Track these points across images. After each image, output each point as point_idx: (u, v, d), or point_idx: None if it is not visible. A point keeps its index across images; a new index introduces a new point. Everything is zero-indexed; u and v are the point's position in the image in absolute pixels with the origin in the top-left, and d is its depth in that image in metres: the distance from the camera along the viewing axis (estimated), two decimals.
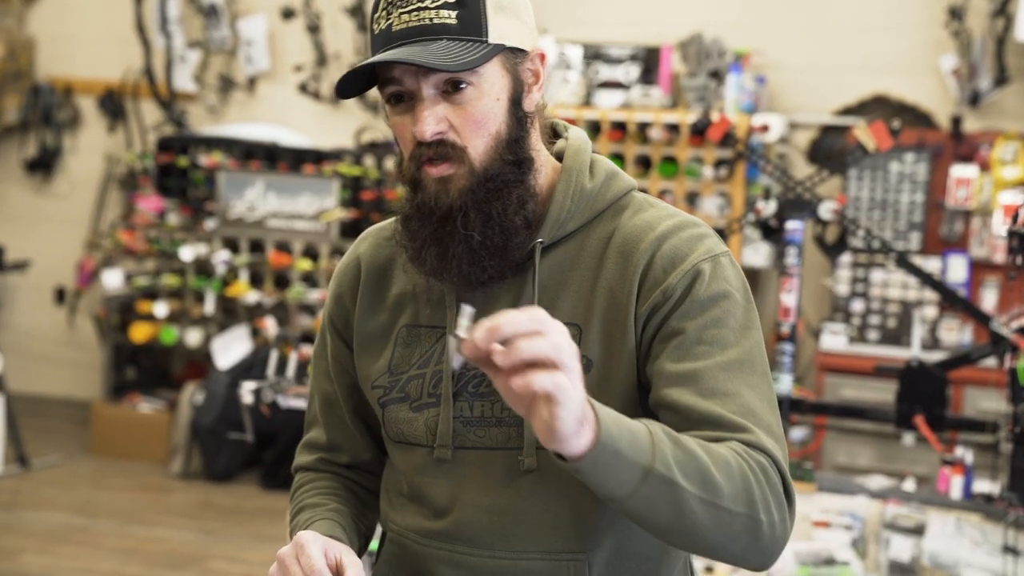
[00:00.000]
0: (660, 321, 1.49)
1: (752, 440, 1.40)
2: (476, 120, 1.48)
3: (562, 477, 1.43)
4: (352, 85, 1.52)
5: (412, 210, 1.53)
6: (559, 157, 1.60)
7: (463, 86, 1.47)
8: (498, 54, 1.49)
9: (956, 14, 5.66)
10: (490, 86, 1.49)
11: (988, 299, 5.52)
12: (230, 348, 6.21)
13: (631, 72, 5.94)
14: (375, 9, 1.51)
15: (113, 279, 6.65)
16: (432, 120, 1.47)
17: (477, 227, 1.49)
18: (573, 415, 1.24)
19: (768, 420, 1.44)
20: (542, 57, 1.56)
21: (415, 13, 1.47)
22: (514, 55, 1.52)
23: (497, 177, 1.50)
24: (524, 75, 1.53)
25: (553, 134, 1.63)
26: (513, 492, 1.52)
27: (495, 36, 1.49)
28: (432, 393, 1.56)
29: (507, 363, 1.23)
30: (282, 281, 6.49)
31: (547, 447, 1.27)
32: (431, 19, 1.46)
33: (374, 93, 1.54)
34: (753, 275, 5.88)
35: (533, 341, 1.22)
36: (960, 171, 5.51)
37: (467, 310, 1.29)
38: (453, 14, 1.47)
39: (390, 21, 1.48)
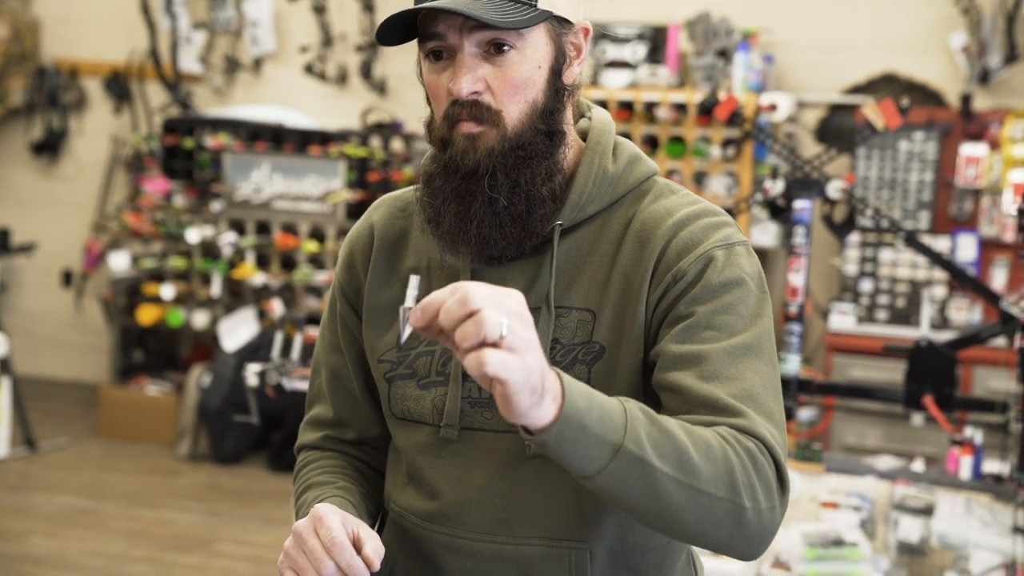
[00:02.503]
0: (669, 304, 1.46)
1: (745, 425, 1.36)
2: (515, 84, 1.45)
3: None
4: (392, 32, 1.47)
5: (438, 168, 1.50)
6: (582, 137, 1.57)
7: (506, 48, 1.44)
8: (545, 20, 1.46)
9: None
10: (533, 52, 1.46)
11: (998, 278, 5.50)
12: (237, 330, 6.21)
13: (638, 51, 5.90)
14: None
15: (120, 261, 6.64)
16: (471, 78, 1.44)
17: (503, 191, 1.46)
18: (524, 386, 1.19)
19: (769, 407, 1.40)
20: (586, 32, 1.53)
21: None
22: (560, 25, 1.49)
23: (528, 146, 1.47)
24: (567, 47, 1.50)
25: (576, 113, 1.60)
26: (517, 476, 1.50)
27: (544, 2, 1.46)
28: (441, 372, 1.54)
29: (450, 345, 1.21)
30: (288, 263, 6.49)
31: (509, 420, 1.23)
32: None
33: (380, 72, 1.50)
34: (761, 255, 5.85)
35: (461, 328, 1.18)
36: (969, 149, 5.47)
37: (414, 280, 1.27)
38: None
39: None
